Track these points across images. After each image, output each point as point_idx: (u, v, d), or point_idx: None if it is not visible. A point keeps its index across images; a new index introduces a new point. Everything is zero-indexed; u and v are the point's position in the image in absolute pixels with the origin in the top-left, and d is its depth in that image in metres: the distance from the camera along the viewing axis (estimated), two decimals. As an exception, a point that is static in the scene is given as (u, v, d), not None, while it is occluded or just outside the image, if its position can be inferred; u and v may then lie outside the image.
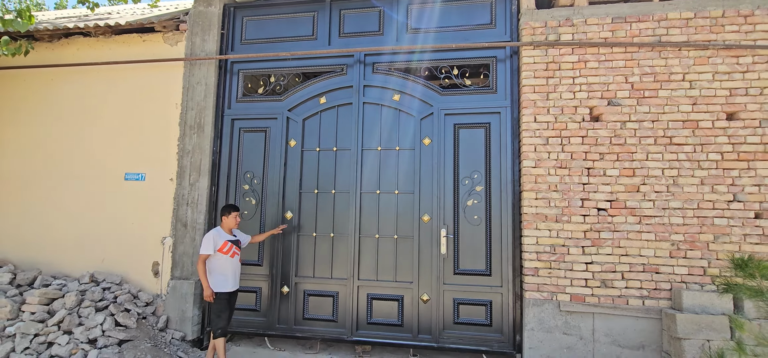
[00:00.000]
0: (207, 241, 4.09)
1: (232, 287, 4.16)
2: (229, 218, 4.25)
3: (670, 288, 4.02)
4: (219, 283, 4.08)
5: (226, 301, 4.11)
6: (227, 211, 4.26)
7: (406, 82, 4.88)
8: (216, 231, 4.19)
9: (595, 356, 4.09)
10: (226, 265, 4.13)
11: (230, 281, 4.14)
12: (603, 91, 4.32)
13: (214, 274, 4.09)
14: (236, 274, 4.23)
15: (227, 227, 4.26)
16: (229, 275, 4.14)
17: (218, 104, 5.22)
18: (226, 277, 4.11)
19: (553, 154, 4.33)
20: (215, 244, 4.10)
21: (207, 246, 4.07)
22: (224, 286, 4.09)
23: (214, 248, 4.09)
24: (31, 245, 5.29)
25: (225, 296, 4.10)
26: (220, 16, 5.31)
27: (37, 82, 5.57)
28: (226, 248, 4.13)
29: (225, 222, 4.26)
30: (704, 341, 3.42)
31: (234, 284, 4.19)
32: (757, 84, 4.09)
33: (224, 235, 4.20)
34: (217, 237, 4.14)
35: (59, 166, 5.37)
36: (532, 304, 4.23)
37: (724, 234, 3.99)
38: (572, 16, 4.46)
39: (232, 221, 4.25)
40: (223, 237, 4.17)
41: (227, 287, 4.11)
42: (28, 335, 4.08)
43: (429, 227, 4.62)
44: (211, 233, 4.14)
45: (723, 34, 4.19)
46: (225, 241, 4.16)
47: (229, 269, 4.15)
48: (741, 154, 4.05)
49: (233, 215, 4.26)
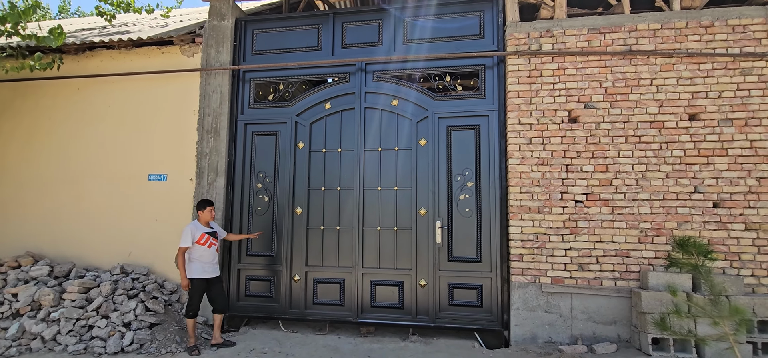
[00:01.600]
0: (185, 234, 4.54)
1: (210, 274, 4.61)
2: (204, 212, 4.70)
3: (638, 270, 4.54)
4: (197, 270, 4.54)
5: (202, 287, 4.58)
6: (202, 206, 4.72)
7: (403, 88, 5.37)
8: (193, 224, 4.66)
9: (573, 331, 4.61)
10: (205, 254, 4.59)
11: (208, 269, 4.60)
12: (580, 96, 4.81)
13: (193, 262, 4.55)
14: (214, 262, 4.67)
15: (204, 221, 4.71)
16: (207, 263, 4.60)
17: (232, 110, 5.72)
18: (203, 265, 4.57)
19: (535, 152, 4.83)
20: (193, 236, 4.56)
21: (185, 239, 4.52)
22: (202, 273, 4.55)
23: (192, 240, 4.54)
24: (64, 241, 5.80)
25: (203, 283, 4.57)
26: (232, 29, 5.80)
27: (66, 91, 6.07)
28: (203, 240, 4.58)
29: (201, 216, 4.71)
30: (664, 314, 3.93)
31: (212, 271, 4.64)
32: (716, 88, 4.58)
33: (201, 227, 4.66)
34: (194, 230, 4.60)
35: (88, 168, 5.88)
36: (518, 286, 4.74)
37: (687, 222, 4.50)
38: (552, 27, 4.95)
39: (207, 215, 4.70)
40: (200, 230, 4.63)
41: (205, 274, 4.57)
42: (71, 319, 4.60)
43: (425, 219, 5.13)
44: (189, 227, 4.61)
45: (686, 43, 4.68)
46: (202, 233, 4.61)
47: (207, 257, 4.61)
48: (701, 151, 4.55)
49: (208, 210, 4.71)
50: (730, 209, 4.45)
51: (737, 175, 4.47)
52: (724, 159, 4.51)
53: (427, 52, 5.31)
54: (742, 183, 4.45)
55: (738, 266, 4.38)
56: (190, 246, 4.54)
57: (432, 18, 5.38)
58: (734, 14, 4.63)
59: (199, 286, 4.56)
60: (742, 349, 3.92)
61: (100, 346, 4.41)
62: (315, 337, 5.06)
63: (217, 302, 4.70)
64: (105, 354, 4.34)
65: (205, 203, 4.74)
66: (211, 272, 4.64)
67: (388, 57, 5.38)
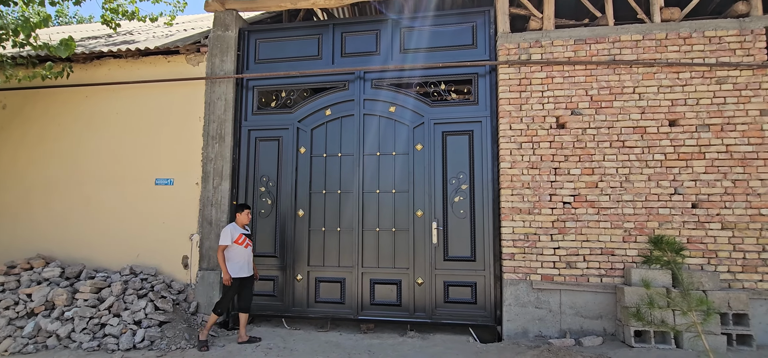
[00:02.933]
0: (225, 233, 4.85)
1: (245, 274, 4.89)
2: (242, 215, 4.98)
3: (622, 267, 4.82)
4: (235, 269, 4.81)
5: (237, 286, 4.84)
6: (240, 209, 5.01)
7: (400, 96, 5.64)
8: (232, 226, 4.94)
9: (562, 325, 4.88)
10: (242, 254, 4.87)
11: (244, 269, 4.87)
12: (567, 103, 5.09)
13: (231, 262, 4.82)
14: (249, 262, 4.95)
15: (241, 223, 4.99)
16: (244, 263, 4.88)
17: (236, 117, 5.96)
18: (241, 265, 4.84)
19: (525, 156, 5.11)
20: (232, 236, 4.84)
21: (225, 238, 4.82)
22: (238, 272, 4.83)
23: (231, 239, 4.82)
24: (73, 243, 6.01)
25: (237, 282, 4.83)
26: (236, 39, 6.04)
27: (75, 98, 6.28)
28: (241, 240, 4.87)
29: (238, 218, 4.99)
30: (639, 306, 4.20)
31: (248, 270, 4.92)
32: (694, 96, 4.88)
33: (239, 229, 4.94)
34: (233, 230, 4.88)
35: (97, 173, 6.09)
36: (510, 284, 5.01)
37: (667, 221, 4.79)
38: (541, 38, 5.23)
39: (244, 217, 4.98)
40: (238, 230, 4.91)
41: (241, 273, 4.85)
42: (84, 317, 4.82)
43: (422, 220, 5.39)
44: (229, 227, 4.90)
45: (666, 53, 4.98)
46: (240, 233, 4.89)
47: (244, 257, 4.88)
48: (681, 155, 4.84)
49: (245, 212, 4.99)
50: (708, 209, 4.74)
51: (714, 178, 4.76)
52: (701, 162, 4.80)
53: (422, 61, 5.58)
54: (719, 185, 4.74)
55: (715, 263, 4.67)
56: (229, 245, 4.80)
57: (427, 28, 5.65)
58: (711, 26, 4.93)
59: (234, 285, 4.82)
60: (717, 340, 4.21)
61: (113, 343, 4.63)
62: (317, 334, 5.30)
63: (246, 300, 4.95)
64: (118, 351, 4.56)
65: (242, 206, 5.01)
66: (246, 272, 4.89)
67: (385, 66, 5.64)
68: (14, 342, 4.63)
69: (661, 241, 3.64)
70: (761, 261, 4.60)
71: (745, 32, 4.86)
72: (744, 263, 4.62)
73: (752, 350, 4.26)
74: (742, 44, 4.86)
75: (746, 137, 4.75)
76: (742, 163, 4.73)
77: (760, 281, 4.58)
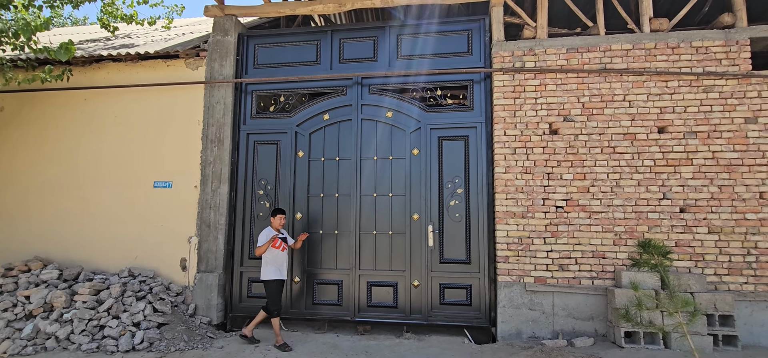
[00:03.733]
0: (263, 236, 4.93)
1: (284, 276, 4.98)
2: (276, 219, 5.06)
3: (613, 270, 4.95)
4: (273, 272, 4.89)
5: (280, 286, 4.94)
6: (275, 213, 5.08)
7: (397, 101, 5.74)
8: (268, 230, 5.01)
9: (555, 327, 5.00)
10: (279, 257, 4.95)
11: (282, 271, 4.97)
12: (560, 109, 5.23)
13: (269, 265, 4.90)
14: (286, 265, 5.04)
15: (275, 227, 5.06)
16: (281, 265, 4.97)
17: (235, 121, 6.03)
18: (278, 268, 4.94)
19: (519, 161, 5.23)
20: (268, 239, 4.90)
21: (262, 241, 4.90)
22: (278, 275, 4.92)
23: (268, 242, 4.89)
24: (71, 245, 6.02)
25: (279, 283, 4.93)
26: (235, 44, 6.12)
27: (74, 101, 6.31)
28: (277, 244, 4.95)
29: (273, 222, 5.07)
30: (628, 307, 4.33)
31: (285, 274, 5.01)
32: (682, 103, 5.04)
33: (274, 232, 5.01)
34: (269, 234, 4.96)
35: (95, 175, 6.12)
36: (504, 286, 5.12)
37: (656, 225, 4.93)
38: (534, 46, 5.37)
39: (278, 221, 5.06)
40: (273, 233, 4.98)
41: (281, 275, 4.94)
42: (83, 319, 4.85)
43: (418, 224, 5.49)
44: (266, 231, 4.98)
45: (655, 62, 5.14)
46: (275, 237, 4.97)
47: (281, 260, 4.97)
48: (669, 161, 5.00)
49: (280, 217, 5.07)
50: (695, 214, 4.89)
51: (701, 183, 4.92)
52: (689, 168, 4.96)
53: (419, 67, 5.69)
54: (706, 190, 4.90)
55: (702, 266, 4.82)
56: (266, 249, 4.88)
57: (424, 36, 5.78)
58: (698, 37, 5.10)
59: (277, 286, 4.91)
60: (703, 340, 4.35)
61: (112, 344, 4.66)
62: (315, 335, 5.37)
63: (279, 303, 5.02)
64: (117, 352, 4.60)
65: (277, 211, 5.09)
66: (283, 275, 4.98)
67: (383, 72, 5.75)
68: (13, 344, 4.65)
69: (648, 244, 3.77)
70: (746, 264, 4.76)
71: (731, 42, 5.04)
72: (730, 266, 4.78)
73: (737, 351, 4.41)
74: (727, 54, 5.03)
75: (732, 144, 4.91)
76: (728, 170, 4.89)
77: (745, 283, 4.73)
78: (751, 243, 4.77)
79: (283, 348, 4.74)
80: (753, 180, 4.84)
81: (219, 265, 5.69)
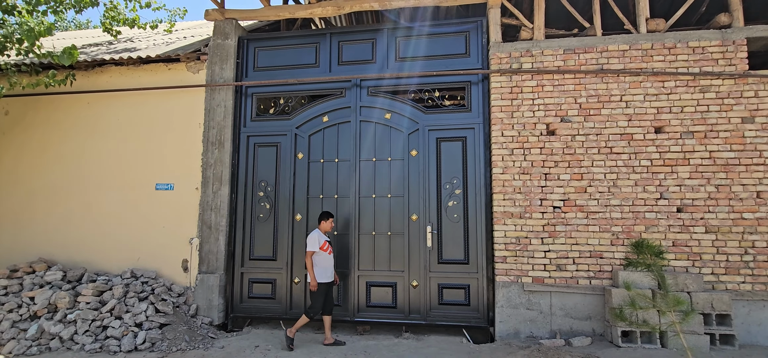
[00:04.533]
0: (312, 240, 4.95)
1: (330, 278, 5.02)
2: (325, 222, 5.09)
3: (611, 270, 4.97)
4: (321, 274, 4.95)
5: (325, 289, 4.99)
6: (325, 217, 5.11)
7: (395, 103, 5.79)
8: (317, 233, 5.03)
9: (552, 326, 5.03)
10: (326, 260, 5.00)
11: (329, 273, 5.01)
12: (557, 110, 5.26)
13: (317, 267, 4.95)
14: (332, 266, 5.07)
15: (324, 230, 5.10)
16: (328, 268, 5.02)
17: (235, 123, 6.09)
18: (325, 269, 4.98)
19: (517, 162, 5.27)
20: (318, 242, 4.96)
21: (313, 244, 4.93)
22: (325, 277, 4.97)
23: (318, 245, 4.95)
24: (74, 247, 6.11)
25: (325, 285, 4.98)
26: (235, 47, 6.18)
27: (77, 105, 6.40)
28: (325, 247, 4.99)
29: (322, 226, 5.10)
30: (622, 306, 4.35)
31: (331, 276, 5.05)
32: (679, 104, 5.06)
33: (323, 236, 5.05)
34: (319, 237, 5.00)
35: (98, 178, 6.21)
36: (502, 286, 5.16)
37: (653, 225, 4.95)
38: (531, 48, 5.40)
39: (327, 225, 5.09)
40: (322, 237, 5.03)
41: (328, 278, 4.99)
42: (87, 320, 4.92)
43: (417, 224, 5.53)
44: (315, 234, 4.99)
45: (652, 62, 5.16)
46: (324, 241, 5.02)
47: (328, 262, 5.02)
48: (666, 161, 5.01)
49: (329, 221, 5.11)
50: (692, 214, 4.91)
51: (698, 183, 4.93)
52: (686, 168, 4.97)
53: (417, 69, 5.73)
54: (703, 190, 4.91)
55: (699, 265, 4.84)
56: (316, 251, 4.93)
57: (422, 38, 5.82)
58: (694, 37, 5.11)
59: (324, 288, 4.96)
60: (700, 340, 4.37)
61: (115, 344, 4.74)
62: (314, 335, 5.42)
63: (329, 304, 5.06)
64: (120, 352, 4.68)
65: (327, 215, 5.12)
66: (329, 277, 5.03)
67: (381, 74, 5.80)
68: (18, 344, 4.73)
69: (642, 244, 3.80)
70: (743, 264, 4.77)
71: (727, 42, 5.05)
72: (727, 266, 4.79)
73: (734, 350, 4.42)
74: (724, 54, 5.04)
75: (729, 144, 4.92)
76: (725, 169, 4.90)
77: (743, 282, 4.74)
78: (749, 242, 4.78)
79: (336, 344, 4.89)
80: (750, 179, 4.85)
81: (220, 266, 5.75)
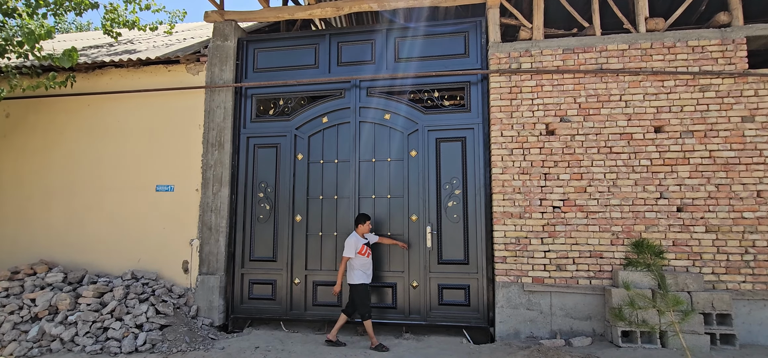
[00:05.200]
0: (350, 246, 4.96)
1: (369, 280, 5.04)
2: (363, 226, 5.09)
3: (611, 270, 4.97)
4: (361, 276, 4.96)
5: (368, 289, 5.01)
6: (362, 220, 5.11)
7: (394, 104, 5.79)
8: (355, 237, 5.03)
9: (553, 326, 5.03)
10: (365, 262, 5.01)
11: (369, 275, 5.03)
12: (556, 110, 5.26)
13: (356, 270, 4.96)
14: (371, 268, 5.09)
15: (361, 233, 5.11)
16: (368, 269, 5.03)
17: (235, 124, 6.10)
18: (365, 272, 4.99)
19: (516, 162, 5.26)
20: (356, 247, 4.97)
21: (349, 250, 4.95)
22: (365, 279, 4.99)
23: (355, 251, 4.96)
24: (75, 249, 6.13)
25: (367, 286, 5.00)
26: (235, 48, 6.19)
27: (77, 107, 6.42)
28: (363, 250, 5.01)
29: (360, 228, 5.10)
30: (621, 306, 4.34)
31: (371, 276, 5.07)
32: (678, 103, 5.05)
33: (361, 239, 5.06)
34: (357, 242, 5.00)
35: (98, 179, 6.22)
36: (502, 286, 5.15)
37: (653, 225, 4.94)
38: (531, 48, 5.40)
39: (365, 227, 5.10)
40: (360, 241, 5.03)
41: (368, 279, 5.01)
42: (87, 321, 4.94)
43: (417, 225, 5.53)
44: (353, 239, 5.00)
45: (651, 62, 5.15)
46: (362, 244, 5.03)
47: (367, 265, 5.03)
48: (666, 160, 5.01)
49: (367, 224, 5.11)
50: (692, 213, 4.90)
51: (698, 182, 4.92)
52: (686, 168, 4.96)
53: (416, 69, 5.74)
54: (703, 189, 4.91)
55: (700, 265, 4.83)
56: (353, 256, 4.94)
57: (421, 38, 5.82)
58: (694, 36, 5.11)
59: (365, 289, 4.98)
60: (701, 339, 4.36)
61: (115, 346, 4.75)
62: (315, 336, 5.43)
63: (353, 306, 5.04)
64: (121, 354, 4.69)
65: (365, 217, 5.13)
66: (371, 277, 5.06)
67: (380, 74, 5.80)
68: (19, 346, 4.75)
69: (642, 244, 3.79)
70: (744, 263, 4.76)
71: (727, 42, 5.04)
72: (727, 265, 4.78)
73: (735, 349, 4.41)
74: (724, 53, 5.03)
75: (729, 143, 4.92)
76: (725, 169, 4.89)
77: (743, 282, 4.73)
78: (749, 242, 4.77)
79: (379, 349, 4.80)
80: (750, 179, 4.84)
81: (220, 267, 5.76)
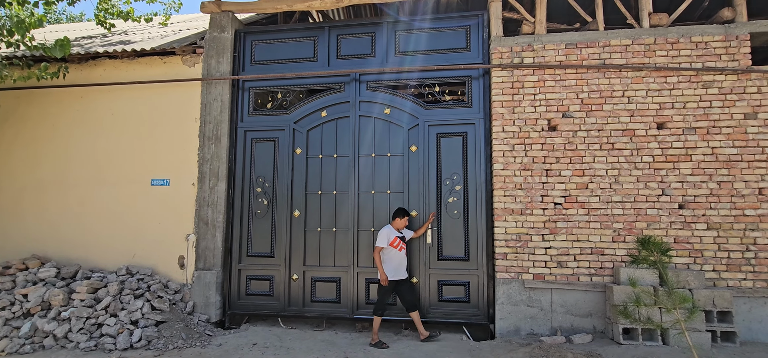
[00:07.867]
0: (382, 236, 4.91)
1: (399, 276, 4.93)
2: (400, 220, 5.02)
3: (612, 267, 4.94)
4: (389, 271, 4.88)
5: (391, 287, 4.93)
6: (401, 214, 5.04)
7: (395, 98, 5.71)
8: (388, 228, 4.99)
9: (553, 323, 5.00)
10: (395, 256, 4.94)
11: (399, 271, 4.94)
12: (558, 106, 5.20)
13: (385, 264, 4.90)
14: (403, 265, 5.00)
15: (397, 227, 5.04)
16: (399, 265, 4.94)
17: (232, 118, 6.00)
18: (395, 267, 4.91)
19: (518, 158, 5.21)
20: (388, 238, 4.90)
21: (382, 240, 4.89)
22: (394, 275, 4.89)
23: (387, 241, 4.89)
24: (68, 243, 6.01)
25: (393, 283, 4.91)
26: (232, 40, 6.08)
27: (69, 99, 6.28)
28: (395, 243, 4.94)
29: (396, 222, 5.04)
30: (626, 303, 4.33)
31: (403, 273, 4.97)
32: (681, 99, 5.01)
33: (394, 232, 5.00)
34: (389, 233, 4.95)
35: (92, 173, 6.10)
36: (502, 283, 5.11)
37: (655, 222, 4.91)
38: (533, 42, 5.33)
39: (401, 222, 5.03)
40: (393, 233, 4.97)
41: (396, 275, 4.91)
42: (81, 318, 4.84)
43: (417, 221, 5.47)
44: (385, 230, 4.96)
45: (654, 58, 5.10)
46: (395, 237, 4.96)
47: (397, 260, 4.95)
48: (668, 157, 4.97)
49: (405, 218, 5.04)
50: (694, 210, 4.87)
51: (700, 179, 4.89)
52: (688, 164, 4.93)
53: (417, 63, 5.65)
54: (705, 186, 4.88)
55: (701, 262, 4.81)
56: (385, 247, 4.87)
57: (422, 31, 5.73)
58: (697, 32, 5.06)
59: (390, 286, 4.90)
60: (702, 337, 4.35)
61: (110, 343, 4.66)
62: (313, 332, 5.37)
63: (407, 299, 4.98)
64: (115, 350, 4.60)
65: (403, 212, 5.05)
66: (402, 274, 4.96)
67: (381, 68, 5.71)
68: (11, 343, 4.65)
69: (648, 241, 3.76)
70: (745, 260, 4.74)
71: (731, 37, 5.00)
72: (729, 262, 4.76)
73: (736, 347, 4.40)
74: (727, 49, 4.99)
75: (731, 140, 4.89)
76: (727, 166, 4.86)
77: (744, 279, 4.72)
78: (750, 239, 4.76)
79: (379, 346, 4.75)
80: (752, 176, 4.82)
81: (217, 262, 5.68)
